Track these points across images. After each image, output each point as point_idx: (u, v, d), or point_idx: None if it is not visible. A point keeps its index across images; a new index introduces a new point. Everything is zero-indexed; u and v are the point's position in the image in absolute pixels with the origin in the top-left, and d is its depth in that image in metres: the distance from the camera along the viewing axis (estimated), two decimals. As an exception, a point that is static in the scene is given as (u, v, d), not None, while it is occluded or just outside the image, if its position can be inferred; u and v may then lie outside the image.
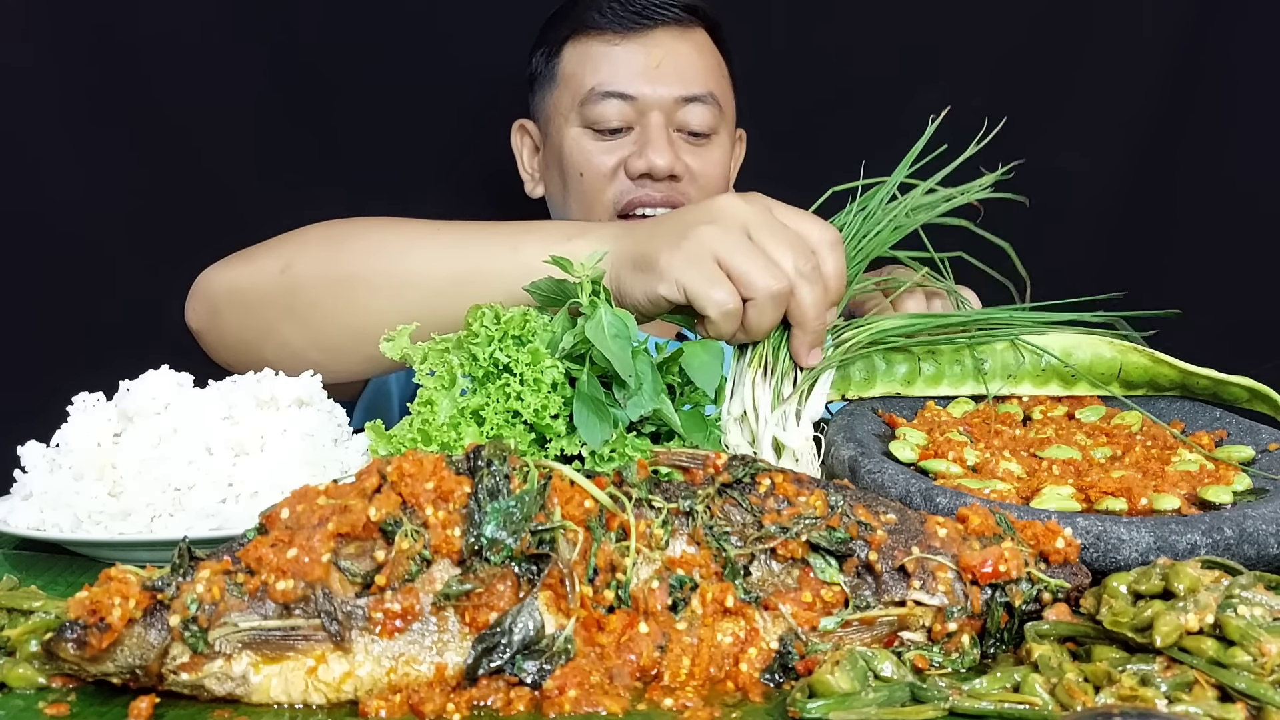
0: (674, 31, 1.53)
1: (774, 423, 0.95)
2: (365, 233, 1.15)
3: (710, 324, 0.95)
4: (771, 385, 0.97)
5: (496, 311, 0.92)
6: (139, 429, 0.95)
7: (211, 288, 1.21)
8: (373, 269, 1.12)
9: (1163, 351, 1.08)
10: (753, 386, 0.97)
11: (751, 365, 0.98)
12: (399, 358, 0.94)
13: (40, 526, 0.91)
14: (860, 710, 0.63)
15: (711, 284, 0.94)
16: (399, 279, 1.11)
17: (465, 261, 1.09)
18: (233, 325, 1.18)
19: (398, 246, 1.13)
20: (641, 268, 0.98)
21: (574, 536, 0.71)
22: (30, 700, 0.66)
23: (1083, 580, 0.75)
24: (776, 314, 0.95)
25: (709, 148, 1.55)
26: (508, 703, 0.66)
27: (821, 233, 0.98)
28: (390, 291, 1.10)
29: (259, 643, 0.66)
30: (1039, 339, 1.08)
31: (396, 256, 1.12)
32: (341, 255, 1.14)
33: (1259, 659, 0.63)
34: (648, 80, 1.50)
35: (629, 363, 0.89)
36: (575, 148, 1.54)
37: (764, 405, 0.96)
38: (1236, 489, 0.88)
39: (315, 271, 1.14)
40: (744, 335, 0.97)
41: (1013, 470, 0.92)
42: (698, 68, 1.54)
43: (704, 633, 0.71)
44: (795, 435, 0.95)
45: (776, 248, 0.95)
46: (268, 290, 1.16)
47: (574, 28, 1.55)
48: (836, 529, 0.74)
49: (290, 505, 0.71)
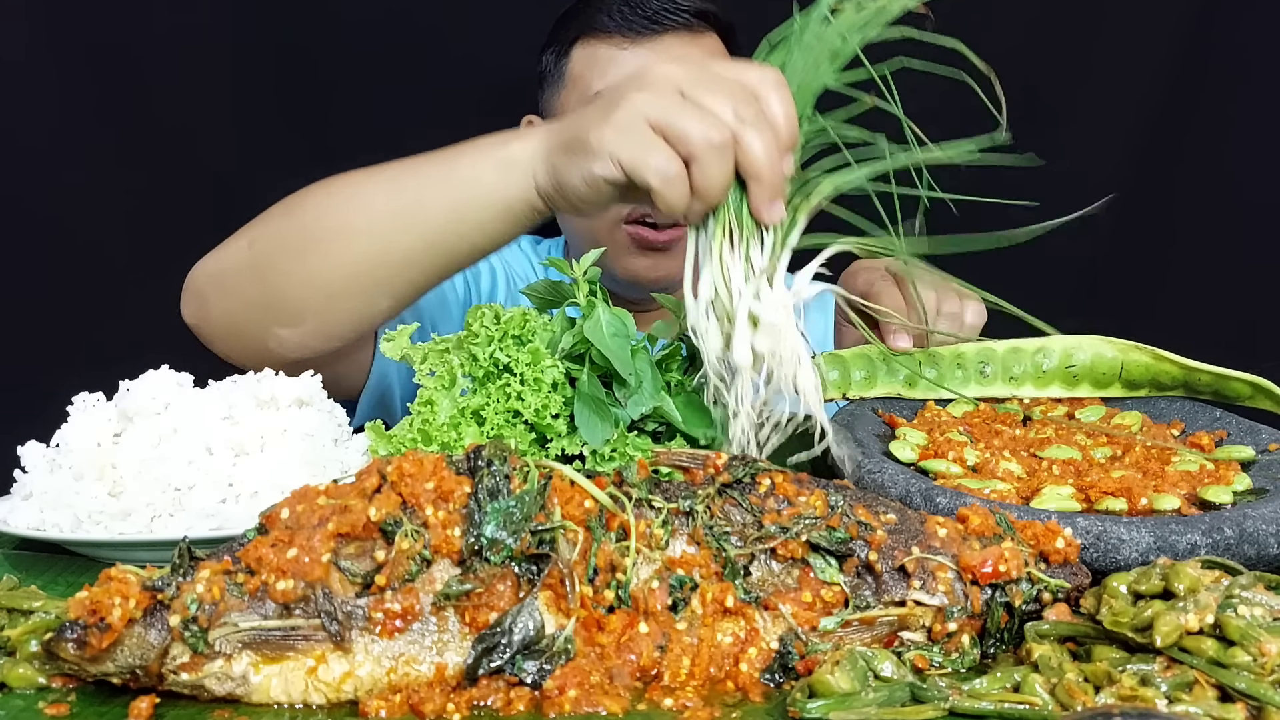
0: (684, 37, 1.51)
1: (749, 294, 0.88)
2: (316, 192, 1.15)
3: (657, 196, 0.89)
4: (741, 253, 0.90)
5: (496, 311, 0.92)
6: (139, 429, 0.95)
7: (197, 279, 1.22)
8: (323, 224, 1.12)
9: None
10: (721, 262, 0.89)
11: (715, 238, 0.90)
12: (399, 358, 0.95)
13: (40, 526, 0.91)
14: (860, 710, 0.63)
15: (647, 150, 0.88)
16: (346, 227, 1.10)
17: (404, 195, 1.08)
18: (217, 312, 1.19)
19: (341, 197, 1.13)
20: (574, 150, 0.93)
21: (574, 536, 0.71)
22: (30, 700, 0.66)
23: (1083, 580, 0.75)
24: (724, 167, 0.88)
25: None
26: (508, 703, 0.66)
27: (760, 75, 0.91)
28: (342, 241, 1.10)
29: (259, 643, 0.66)
30: (1040, 340, 1.08)
31: (340, 206, 1.12)
32: (295, 218, 1.15)
33: (1259, 659, 0.63)
34: None
35: (629, 361, 0.88)
36: None
37: (736, 276, 0.89)
38: (1236, 489, 0.88)
39: (273, 239, 1.15)
40: (698, 202, 0.89)
41: (1013, 470, 0.92)
42: None
43: (704, 633, 0.71)
44: (770, 304, 0.88)
45: (713, 99, 0.89)
46: (238, 269, 1.17)
47: (583, 29, 1.53)
48: (836, 529, 0.74)
49: (290, 505, 0.71)
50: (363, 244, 1.08)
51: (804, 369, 0.88)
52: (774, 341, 0.87)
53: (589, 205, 0.95)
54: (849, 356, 1.09)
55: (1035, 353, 1.09)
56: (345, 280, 1.09)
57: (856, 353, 1.10)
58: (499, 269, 1.66)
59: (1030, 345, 1.10)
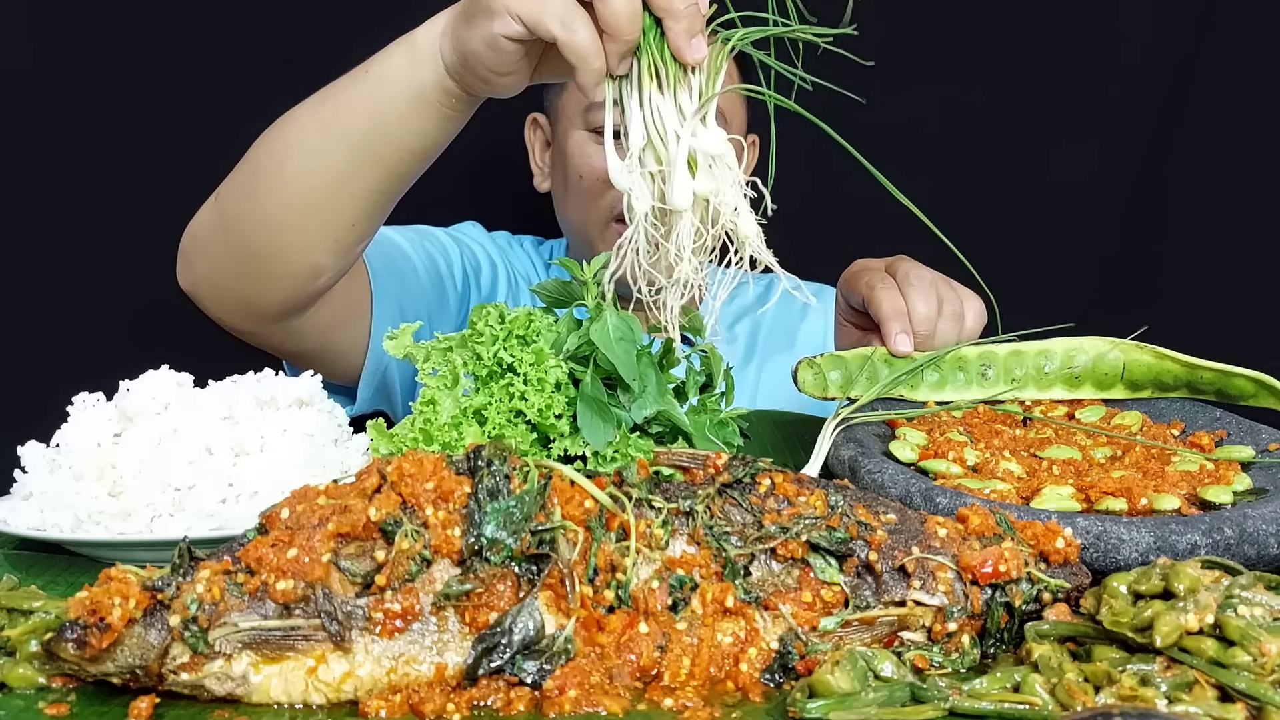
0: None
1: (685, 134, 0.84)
2: (265, 134, 1.16)
3: (563, 46, 0.86)
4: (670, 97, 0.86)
5: (501, 311, 0.92)
6: (139, 429, 0.95)
7: (184, 245, 1.24)
8: (266, 158, 1.13)
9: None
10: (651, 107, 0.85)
11: (641, 82, 0.86)
12: (401, 355, 0.94)
13: (40, 526, 0.91)
14: (860, 710, 0.63)
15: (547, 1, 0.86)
16: (284, 153, 1.11)
17: (326, 108, 1.08)
18: (201, 271, 1.21)
19: (279, 127, 1.13)
20: (472, 15, 0.93)
21: (574, 536, 0.71)
22: (30, 700, 0.66)
23: (1083, 580, 0.75)
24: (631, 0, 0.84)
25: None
26: (508, 703, 0.66)
27: None
28: (282, 170, 1.10)
29: (259, 643, 0.66)
30: (1041, 342, 1.08)
31: (278, 137, 1.13)
32: (246, 161, 1.16)
33: (1259, 659, 0.63)
34: None
35: (633, 365, 0.88)
36: (578, 150, 1.55)
37: (670, 120, 0.85)
38: (1236, 489, 0.88)
39: (232, 185, 1.17)
40: (612, 43, 0.85)
41: (1013, 470, 0.92)
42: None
43: (704, 633, 0.71)
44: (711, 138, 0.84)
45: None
46: (211, 225, 1.19)
47: None
48: (836, 529, 0.74)
49: (290, 505, 0.71)
50: (298, 167, 1.09)
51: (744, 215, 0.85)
52: (714, 181, 0.84)
53: (497, 74, 0.94)
54: (850, 357, 1.09)
55: (1037, 355, 1.09)
56: (292, 210, 1.10)
57: (858, 353, 1.10)
58: (500, 266, 1.66)
59: (1032, 348, 1.10)
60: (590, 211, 1.54)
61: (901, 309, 1.11)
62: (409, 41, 1.02)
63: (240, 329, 1.23)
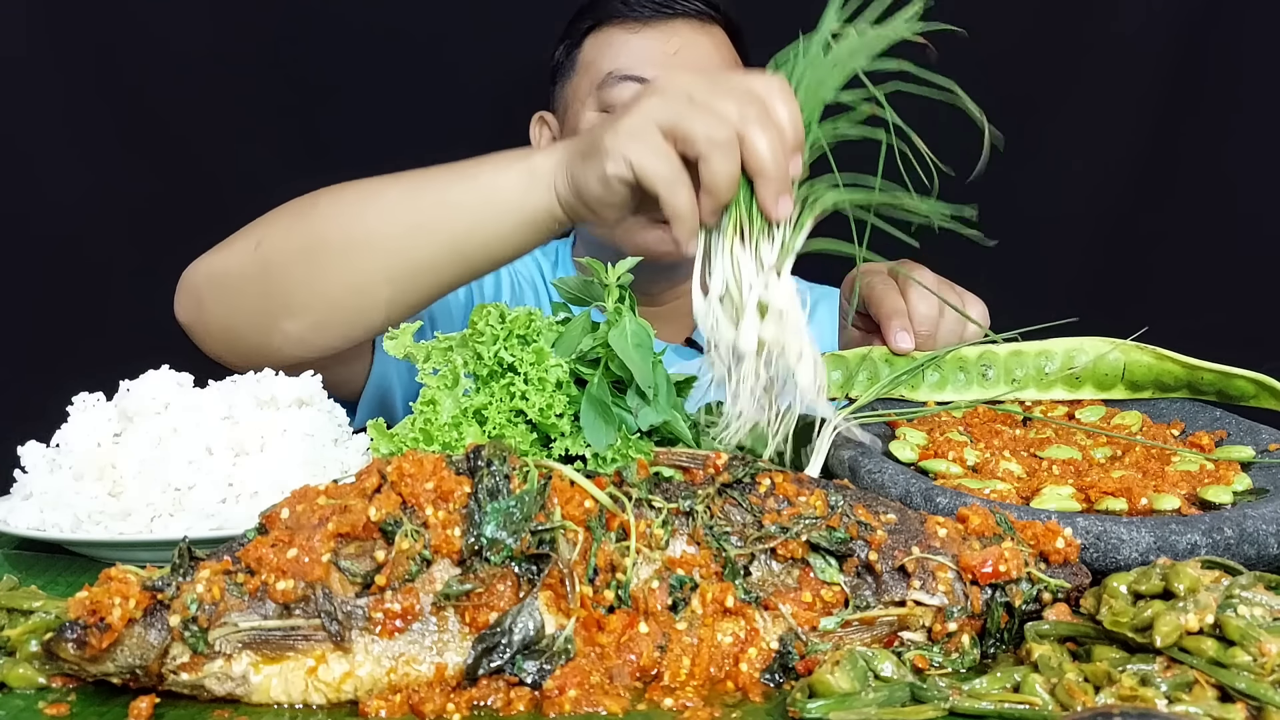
0: (694, 24, 1.55)
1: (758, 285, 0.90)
2: (327, 198, 1.15)
3: (663, 201, 0.92)
4: (751, 250, 0.93)
5: (501, 310, 0.92)
6: (139, 429, 0.95)
7: (194, 278, 1.21)
8: (337, 230, 1.12)
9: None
10: (732, 256, 0.92)
11: (726, 235, 0.93)
12: (402, 355, 0.94)
13: (40, 526, 0.91)
14: (860, 710, 0.63)
15: (654, 155, 0.92)
16: (362, 235, 1.10)
17: (424, 203, 1.09)
18: (216, 313, 1.18)
19: (357, 204, 1.12)
20: (589, 154, 0.97)
21: (574, 536, 0.71)
22: (30, 700, 0.66)
23: (1083, 580, 0.75)
24: (730, 164, 0.91)
25: None
26: (508, 703, 0.66)
27: (765, 81, 0.95)
28: (356, 250, 1.10)
29: (259, 643, 0.66)
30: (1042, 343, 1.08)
31: (357, 214, 1.12)
32: (307, 223, 1.14)
33: (1259, 659, 0.63)
34: (664, 67, 1.50)
35: (649, 373, 0.88)
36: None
37: (746, 270, 0.91)
38: (1236, 489, 0.88)
39: (284, 243, 1.14)
40: (709, 199, 0.92)
41: (1013, 470, 0.92)
42: (715, 61, 1.54)
43: (704, 633, 0.71)
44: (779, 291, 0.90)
45: (719, 101, 0.92)
46: (243, 271, 1.16)
47: (597, 19, 1.57)
48: (836, 529, 0.74)
49: (290, 505, 0.71)
50: (379, 252, 1.08)
51: (805, 362, 0.90)
52: (779, 330, 0.89)
53: (606, 208, 0.98)
54: (851, 357, 1.09)
55: (1037, 355, 1.09)
56: (358, 287, 1.09)
57: (859, 353, 1.10)
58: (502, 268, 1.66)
59: (1032, 348, 1.09)
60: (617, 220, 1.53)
61: (902, 308, 1.12)
62: (525, 165, 1.04)
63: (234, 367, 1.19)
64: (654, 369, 0.89)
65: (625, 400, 0.89)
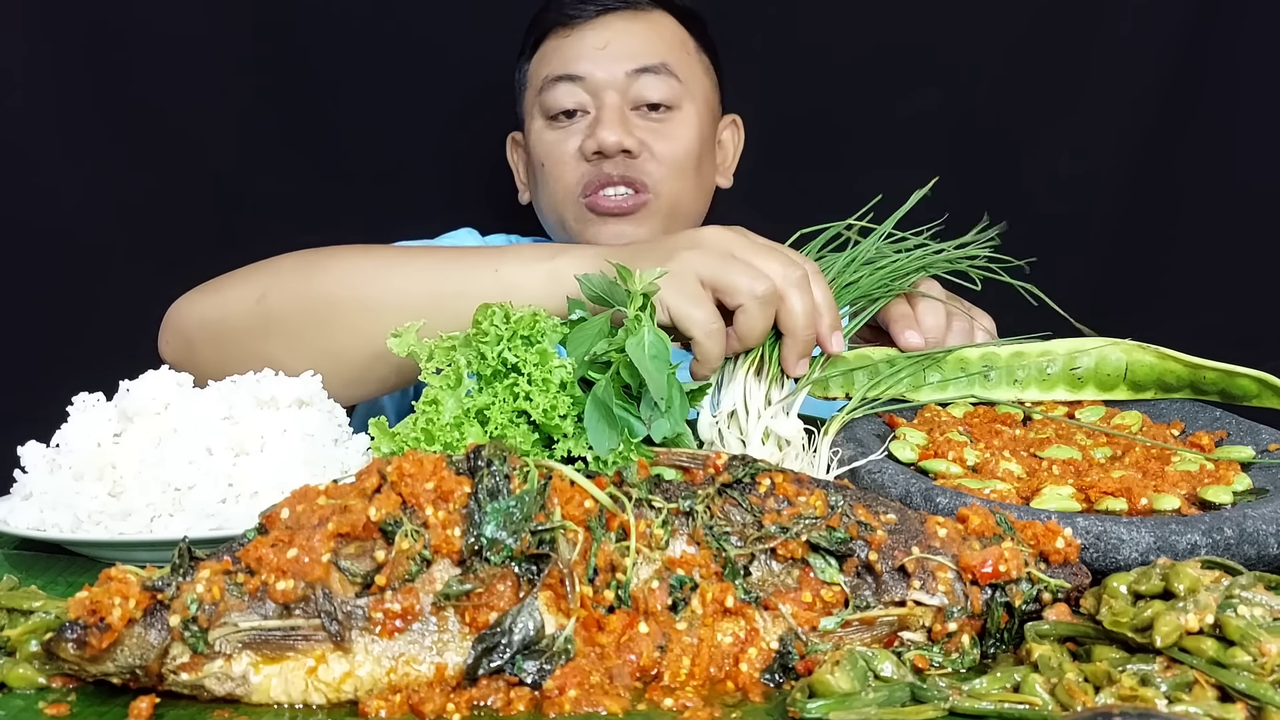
0: (627, 15, 1.54)
1: (767, 417, 0.98)
2: (341, 259, 1.15)
3: (697, 345, 0.97)
4: (764, 387, 0.99)
5: (506, 311, 0.92)
6: (139, 429, 0.95)
7: (184, 320, 1.19)
8: (350, 294, 1.11)
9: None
10: (745, 385, 0.99)
11: (745, 365, 0.99)
12: (405, 354, 0.94)
13: (40, 526, 0.91)
14: (860, 710, 0.63)
15: (694, 304, 0.96)
16: (377, 303, 1.10)
17: (445, 283, 1.09)
18: (209, 357, 1.16)
19: (374, 271, 1.12)
20: None
21: (574, 536, 0.71)
22: (30, 700, 0.66)
23: (1083, 580, 0.75)
24: (766, 319, 0.97)
25: (670, 123, 1.52)
26: (508, 703, 0.66)
27: (805, 259, 1.02)
28: (368, 316, 1.09)
29: (259, 643, 0.66)
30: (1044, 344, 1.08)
31: (373, 281, 1.12)
32: (318, 282, 1.13)
33: (1259, 659, 0.63)
34: (596, 60, 1.50)
35: (664, 385, 0.88)
36: (538, 140, 1.54)
37: (755, 401, 0.98)
38: (1236, 489, 0.88)
39: (292, 300, 1.13)
40: (738, 344, 0.99)
41: (1013, 470, 0.92)
42: (651, 42, 1.53)
43: (704, 633, 0.71)
44: (787, 425, 0.97)
45: (762, 259, 0.98)
46: (244, 321, 1.15)
47: (539, 33, 1.57)
48: (836, 529, 0.74)
49: (290, 505, 0.71)
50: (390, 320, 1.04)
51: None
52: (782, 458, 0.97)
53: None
54: (851, 357, 1.09)
55: (1039, 356, 1.09)
56: (367, 358, 1.09)
57: (859, 353, 1.10)
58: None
59: (1034, 349, 1.09)
60: (559, 197, 1.53)
61: (909, 313, 1.12)
62: (550, 267, 1.05)
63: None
64: (669, 381, 0.89)
65: (631, 405, 0.89)
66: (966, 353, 1.09)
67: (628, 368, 0.89)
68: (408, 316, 1.03)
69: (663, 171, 1.50)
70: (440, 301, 1.07)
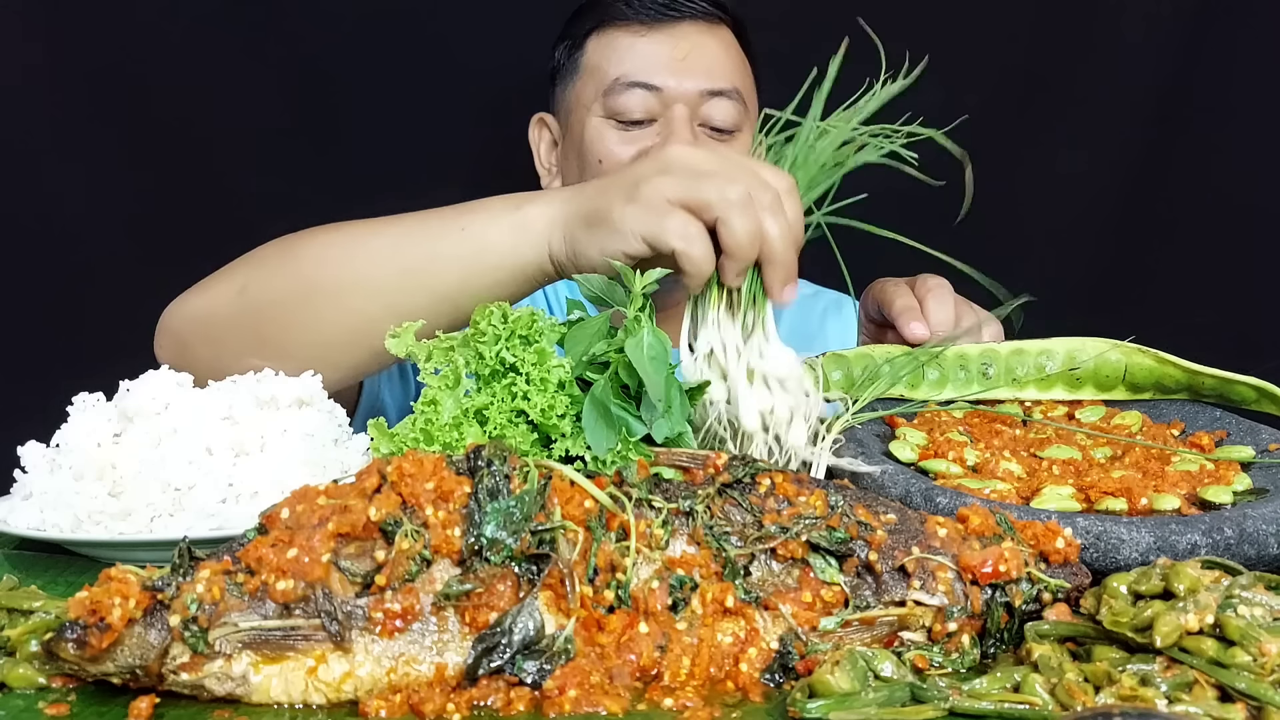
0: (700, 26, 1.52)
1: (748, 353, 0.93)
2: (315, 241, 1.14)
3: (681, 256, 0.92)
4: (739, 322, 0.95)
5: (504, 311, 0.92)
6: (139, 429, 0.95)
7: (176, 322, 1.19)
8: (325, 276, 1.10)
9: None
10: (718, 323, 0.94)
11: (714, 302, 0.95)
12: (404, 354, 0.94)
13: (40, 526, 0.91)
14: (860, 710, 0.63)
15: (666, 217, 0.92)
16: (351, 282, 1.09)
17: (414, 251, 1.07)
18: (203, 356, 1.15)
19: (345, 249, 1.11)
20: (595, 224, 0.96)
21: (574, 536, 0.71)
22: (30, 700, 0.66)
23: (1083, 580, 0.75)
24: (752, 222, 0.91)
25: (732, 145, 1.51)
26: (508, 703, 0.66)
27: (775, 174, 0.96)
28: (345, 296, 1.09)
29: (259, 643, 0.66)
30: (1043, 342, 1.08)
31: (345, 260, 1.11)
32: (294, 268, 1.13)
33: (1259, 659, 0.63)
34: (673, 72, 1.48)
35: (662, 386, 0.88)
36: (596, 136, 1.52)
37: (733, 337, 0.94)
38: (1236, 489, 0.88)
39: (271, 288, 1.13)
40: (732, 261, 0.92)
41: (1013, 470, 0.92)
42: (724, 63, 1.52)
43: (704, 633, 0.71)
44: (776, 360, 0.93)
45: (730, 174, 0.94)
46: (229, 316, 1.14)
47: (599, 20, 1.54)
48: (836, 529, 0.74)
49: (290, 505, 0.71)
50: (369, 301, 1.07)
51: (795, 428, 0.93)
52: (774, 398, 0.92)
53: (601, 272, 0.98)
54: (852, 356, 1.09)
55: (1039, 355, 1.09)
56: (348, 335, 1.08)
57: (859, 352, 1.10)
58: None
59: (1034, 347, 1.09)
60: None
61: (914, 305, 1.11)
62: (517, 217, 1.03)
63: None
64: (667, 382, 0.89)
65: (629, 405, 0.89)
66: (966, 349, 1.09)
67: (626, 368, 0.88)
68: (383, 292, 1.04)
69: None
70: (411, 272, 1.06)
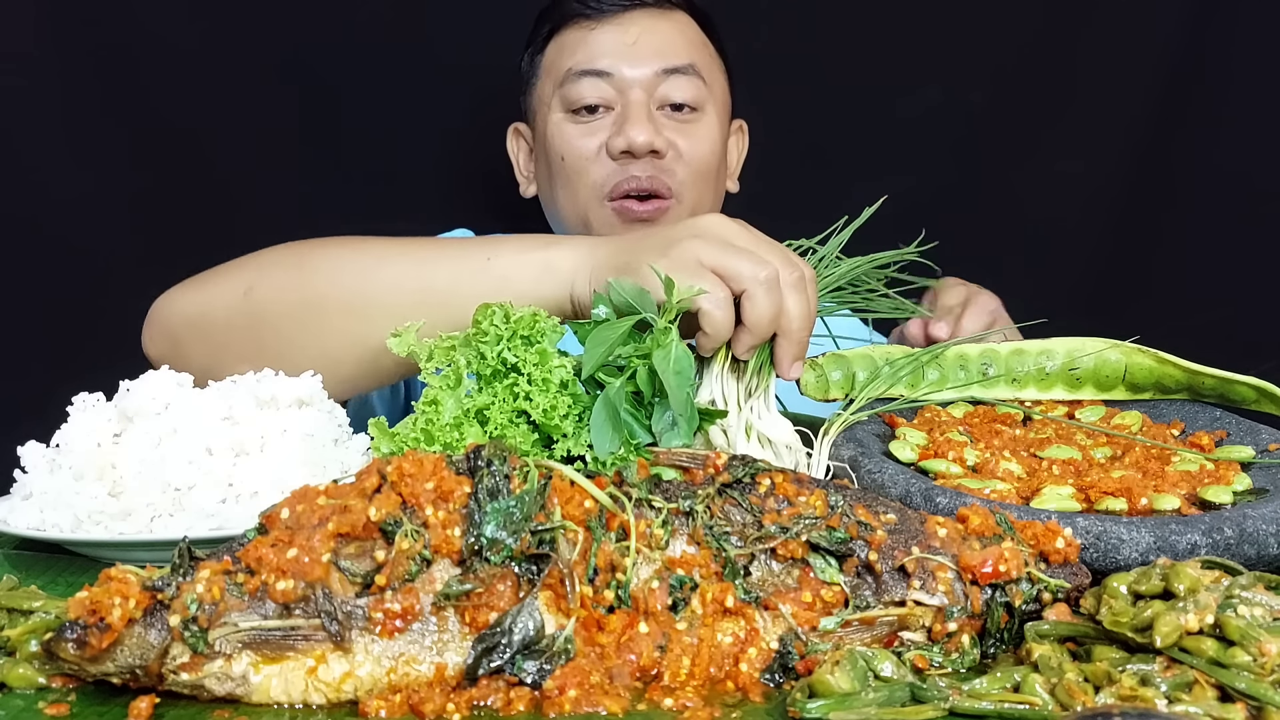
0: (653, 13, 1.53)
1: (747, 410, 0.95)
2: (328, 254, 1.12)
3: (704, 317, 0.93)
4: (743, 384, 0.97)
5: (506, 311, 0.92)
6: (139, 429, 0.95)
7: (170, 316, 1.17)
8: (339, 290, 1.09)
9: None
10: (721, 380, 0.96)
11: (720, 361, 0.96)
12: (405, 354, 0.94)
13: (40, 526, 0.91)
14: (860, 710, 0.63)
15: (697, 279, 0.93)
16: (364, 302, 1.08)
17: (435, 278, 1.07)
18: (196, 354, 1.13)
19: (362, 268, 1.10)
20: (624, 275, 0.97)
21: (574, 536, 0.71)
22: (30, 700, 0.66)
23: (1083, 580, 0.75)
24: (773, 304, 0.94)
25: (696, 124, 1.52)
26: (508, 703, 0.66)
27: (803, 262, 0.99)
28: (357, 315, 1.08)
29: (259, 643, 0.66)
30: (1043, 342, 1.08)
31: (361, 279, 1.09)
32: (306, 277, 1.11)
33: (1259, 659, 0.63)
34: (623, 57, 1.49)
35: (684, 401, 0.88)
36: (556, 132, 1.53)
37: (733, 394, 0.95)
38: (1236, 489, 0.88)
39: (280, 295, 1.11)
40: (747, 334, 0.94)
41: (1013, 470, 0.92)
42: (677, 42, 1.52)
43: (704, 633, 0.71)
44: (775, 425, 0.95)
45: (763, 251, 0.96)
46: (230, 317, 1.12)
47: (557, 22, 1.56)
48: (836, 529, 0.74)
49: (290, 505, 0.71)
50: (381, 322, 1.04)
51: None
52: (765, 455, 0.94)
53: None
54: (852, 357, 1.09)
55: (1039, 355, 1.09)
56: (353, 352, 1.07)
57: (860, 353, 1.10)
58: None
59: (1034, 347, 1.09)
60: (580, 193, 1.52)
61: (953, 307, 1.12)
62: (543, 257, 1.03)
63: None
64: (687, 398, 0.89)
65: (639, 412, 0.89)
66: (967, 349, 1.09)
67: (646, 376, 0.88)
68: (399, 313, 1.01)
69: (687, 174, 1.50)
70: (432, 297, 1.05)
